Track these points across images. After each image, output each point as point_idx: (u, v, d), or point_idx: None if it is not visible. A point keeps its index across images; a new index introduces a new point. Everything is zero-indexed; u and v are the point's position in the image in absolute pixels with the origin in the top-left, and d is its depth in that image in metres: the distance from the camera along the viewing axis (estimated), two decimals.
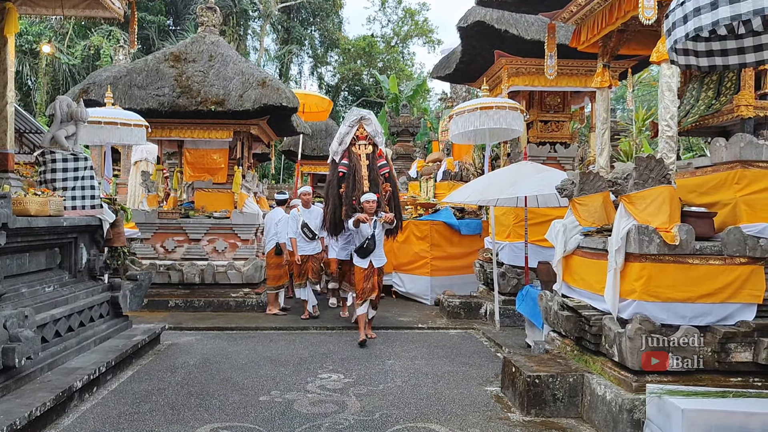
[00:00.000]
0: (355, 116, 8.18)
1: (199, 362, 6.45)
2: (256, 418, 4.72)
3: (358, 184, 7.77)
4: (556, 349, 5.59)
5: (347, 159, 8.00)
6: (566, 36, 7.69)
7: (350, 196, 7.76)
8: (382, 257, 7.60)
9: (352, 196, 7.74)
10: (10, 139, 6.05)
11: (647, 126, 15.79)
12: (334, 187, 8.10)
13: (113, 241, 6.87)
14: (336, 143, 8.19)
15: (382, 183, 7.97)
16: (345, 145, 8.09)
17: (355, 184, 7.78)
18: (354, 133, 8.10)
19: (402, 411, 4.90)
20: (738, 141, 4.61)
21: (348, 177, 7.88)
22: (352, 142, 8.08)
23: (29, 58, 24.28)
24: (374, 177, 7.92)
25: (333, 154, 8.23)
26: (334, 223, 8.07)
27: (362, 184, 7.77)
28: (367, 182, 7.81)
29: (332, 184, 8.16)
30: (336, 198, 8.03)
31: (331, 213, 8.07)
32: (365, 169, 7.90)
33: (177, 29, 28.44)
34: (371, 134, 8.13)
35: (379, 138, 8.19)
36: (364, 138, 8.11)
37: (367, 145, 8.09)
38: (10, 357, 4.28)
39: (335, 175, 8.12)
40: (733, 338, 4.23)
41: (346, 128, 8.12)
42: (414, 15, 36.63)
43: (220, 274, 9.82)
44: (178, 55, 10.27)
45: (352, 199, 7.72)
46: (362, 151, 8.05)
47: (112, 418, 4.68)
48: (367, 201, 7.45)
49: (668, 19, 3.20)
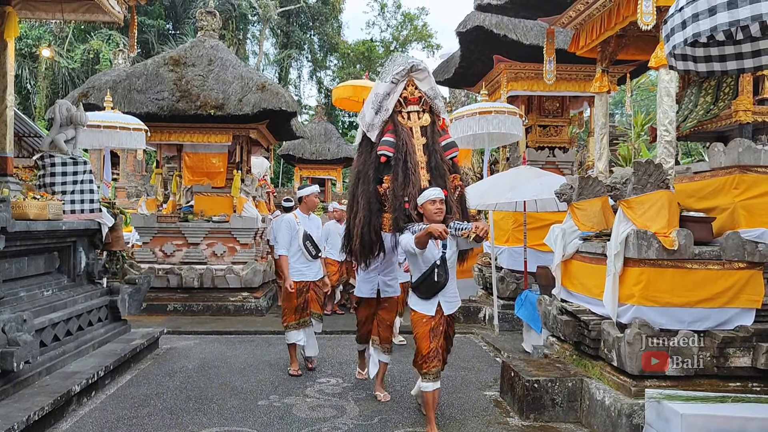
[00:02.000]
0: (402, 67, 5.08)
1: (198, 366, 6.44)
2: (254, 422, 4.71)
3: (411, 176, 4.71)
4: (555, 354, 5.59)
5: (393, 135, 4.94)
6: (565, 41, 7.71)
7: (400, 195, 4.68)
8: (455, 297, 4.63)
9: (403, 194, 4.67)
10: (10, 142, 6.04)
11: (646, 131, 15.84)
12: (367, 181, 5.05)
13: (112, 244, 6.86)
14: (369, 111, 5.13)
15: (450, 173, 4.95)
16: (386, 114, 5.06)
17: (407, 176, 4.72)
18: (400, 94, 5.11)
19: (401, 416, 4.89)
20: (736, 146, 4.62)
21: (395, 164, 4.82)
22: (398, 109, 5.09)
23: (29, 61, 24.31)
24: (437, 164, 4.86)
25: (366, 129, 5.18)
26: (369, 240, 4.99)
27: (418, 176, 4.72)
28: (427, 172, 4.81)
29: (364, 177, 5.10)
30: (372, 198, 4.98)
31: (363, 224, 4.97)
32: (422, 151, 4.90)
33: (176, 33, 28.51)
34: (428, 95, 5.12)
35: (438, 102, 5.19)
36: (416, 101, 5.08)
37: (422, 113, 5.08)
38: (9, 361, 4.26)
39: (371, 161, 5.08)
40: (732, 343, 4.23)
41: (386, 86, 5.08)
42: (413, 20, 36.71)
43: (219, 278, 9.81)
44: (177, 59, 10.28)
45: (404, 200, 4.65)
46: (415, 122, 5.04)
47: (111, 423, 4.67)
48: (432, 201, 4.41)
49: (667, 25, 3.21)
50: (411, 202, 4.57)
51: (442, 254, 4.38)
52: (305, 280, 6.18)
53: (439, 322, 4.45)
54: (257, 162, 13.33)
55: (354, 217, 5.14)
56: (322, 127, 20.93)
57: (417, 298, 4.49)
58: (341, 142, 21.14)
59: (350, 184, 5.47)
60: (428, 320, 4.42)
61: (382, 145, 4.90)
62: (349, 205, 5.37)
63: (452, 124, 8.30)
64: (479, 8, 7.12)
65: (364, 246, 4.99)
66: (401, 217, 4.59)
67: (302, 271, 6.17)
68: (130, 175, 18.95)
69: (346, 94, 9.98)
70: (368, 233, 4.94)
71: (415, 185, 4.63)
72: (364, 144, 5.24)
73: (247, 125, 10.28)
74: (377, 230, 4.98)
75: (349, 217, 5.33)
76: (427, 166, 4.81)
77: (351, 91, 10.00)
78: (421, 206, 4.47)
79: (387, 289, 5.49)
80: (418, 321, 4.46)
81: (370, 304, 5.52)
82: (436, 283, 4.35)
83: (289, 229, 6.16)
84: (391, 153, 4.84)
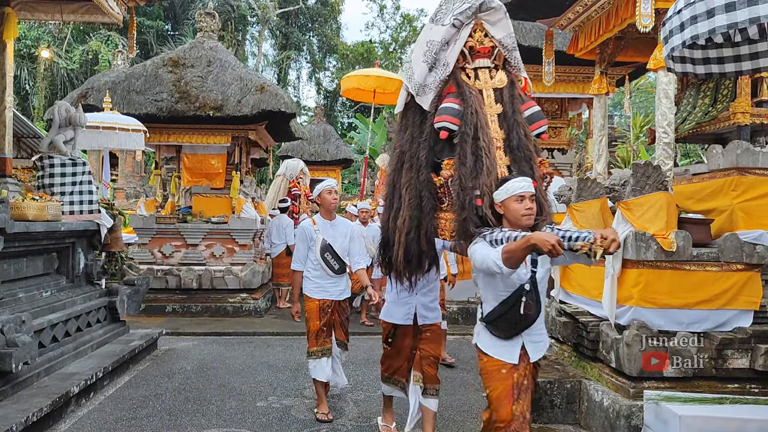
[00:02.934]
0: (468, 4, 3.51)
1: (197, 368, 6.44)
2: (253, 423, 4.71)
3: (485, 159, 3.21)
4: (553, 355, 5.59)
5: (457, 100, 3.39)
6: (564, 43, 7.71)
7: (469, 187, 3.18)
8: (543, 335, 3.25)
9: (474, 186, 3.17)
10: (9, 143, 6.04)
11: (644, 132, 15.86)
12: (417, 166, 3.51)
13: (111, 245, 6.86)
14: (419, 67, 3.56)
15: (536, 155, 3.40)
16: (446, 70, 3.53)
17: (480, 159, 3.21)
18: (465, 43, 3.55)
19: (401, 418, 4.89)
20: (735, 148, 4.63)
21: (462, 142, 3.28)
22: (460, 64, 3.55)
23: (27, 62, 24.28)
24: (520, 142, 3.34)
25: (415, 92, 3.57)
26: (417, 250, 3.49)
27: (494, 159, 3.24)
28: (505, 154, 3.34)
29: (411, 162, 3.55)
30: (424, 191, 3.45)
31: (410, 227, 3.46)
32: (497, 123, 3.40)
33: (176, 34, 28.50)
34: (504, 45, 3.58)
35: (517, 55, 3.62)
36: (486, 53, 3.55)
37: (495, 70, 3.56)
38: (7, 362, 4.26)
39: (423, 138, 3.53)
40: (730, 344, 4.23)
41: (444, 31, 3.52)
42: (412, 21, 36.71)
43: (218, 279, 9.80)
44: (176, 60, 10.28)
45: (475, 195, 3.15)
46: (486, 82, 3.51)
47: (109, 424, 4.67)
48: (519, 198, 3.03)
49: (665, 27, 3.23)
50: (485, 197, 3.07)
51: (532, 275, 2.93)
52: (329, 298, 4.98)
53: (524, 373, 3.07)
54: (291, 164, 13.28)
55: (394, 218, 3.55)
56: (321, 128, 20.95)
57: (491, 338, 3.11)
58: (340, 143, 21.15)
59: (389, 173, 3.72)
60: (509, 371, 3.05)
61: (441, 115, 3.31)
62: (387, 201, 3.71)
63: None
64: None
65: (410, 258, 3.48)
66: (472, 218, 3.08)
67: (324, 287, 4.99)
68: (129, 176, 18.93)
69: (354, 84, 9.68)
70: (416, 240, 3.43)
71: (490, 173, 3.12)
72: (411, 114, 3.64)
73: (246, 126, 10.29)
74: (430, 237, 3.44)
75: (386, 218, 3.69)
76: (505, 146, 3.30)
77: (358, 80, 9.68)
78: (501, 203, 3.05)
79: (427, 315, 4.22)
80: (494, 372, 3.08)
81: (405, 334, 4.24)
82: (522, 317, 2.96)
83: (304, 239, 5.01)
84: (455, 125, 3.27)
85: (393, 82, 9.67)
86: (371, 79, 9.48)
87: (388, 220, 3.68)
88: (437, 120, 3.36)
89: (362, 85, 9.56)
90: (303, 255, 5.02)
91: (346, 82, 9.84)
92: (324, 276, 4.98)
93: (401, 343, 4.27)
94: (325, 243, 4.95)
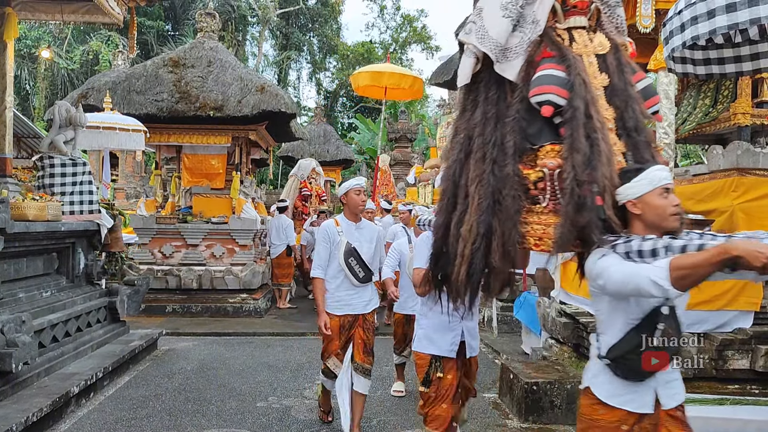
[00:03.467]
0: None
1: (197, 368, 6.43)
2: (253, 424, 4.71)
3: (601, 144, 2.29)
4: (553, 356, 5.59)
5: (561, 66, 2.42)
6: None
7: (585, 181, 2.24)
8: (678, 380, 2.38)
9: (590, 179, 2.24)
10: (9, 143, 6.05)
11: None
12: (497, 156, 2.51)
13: (111, 246, 6.86)
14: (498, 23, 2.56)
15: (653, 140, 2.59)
16: (536, 29, 2.57)
17: (594, 142, 2.29)
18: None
19: (399, 418, 4.89)
20: (735, 149, 4.63)
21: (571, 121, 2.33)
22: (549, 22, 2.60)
23: (28, 62, 24.31)
24: (637, 123, 2.48)
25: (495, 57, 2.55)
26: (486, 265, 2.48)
27: (610, 144, 2.34)
28: (620, 136, 2.48)
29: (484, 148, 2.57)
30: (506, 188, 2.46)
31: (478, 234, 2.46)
32: (604, 99, 2.49)
33: (176, 35, 28.51)
34: None
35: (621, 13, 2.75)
36: (584, 8, 2.60)
37: (593, 32, 2.63)
38: (7, 362, 4.26)
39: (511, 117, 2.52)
40: (731, 345, 4.23)
41: None
42: (412, 21, 36.75)
43: (218, 280, 9.80)
44: (177, 60, 10.28)
45: (593, 191, 2.23)
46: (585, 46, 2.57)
47: (109, 424, 4.67)
48: (664, 191, 2.24)
49: (666, 28, 3.23)
50: (606, 193, 2.25)
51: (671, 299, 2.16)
52: (351, 313, 4.31)
53: (650, 429, 2.26)
54: (304, 164, 13.28)
55: (457, 224, 2.58)
56: (321, 128, 20.97)
57: (613, 381, 2.29)
58: (340, 143, 21.16)
59: (446, 165, 2.80)
60: (630, 428, 2.25)
61: (543, 85, 2.40)
62: (444, 202, 2.71)
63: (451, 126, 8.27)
64: None
65: (475, 276, 2.48)
66: (595, 224, 2.23)
67: (346, 300, 4.31)
68: (129, 177, 18.93)
69: (367, 81, 9.61)
70: (485, 253, 2.45)
71: (610, 161, 2.31)
72: (482, 87, 2.67)
73: (246, 127, 10.28)
74: (508, 249, 2.43)
75: (443, 223, 2.67)
76: (617, 127, 2.49)
77: (370, 77, 9.62)
78: (638, 200, 2.25)
79: (473, 344, 3.54)
80: (611, 429, 2.26)
81: (450, 369, 3.40)
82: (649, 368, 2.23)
83: (326, 241, 4.33)
84: (564, 99, 2.37)
85: (406, 78, 9.62)
86: (384, 75, 9.39)
87: (446, 227, 2.66)
88: (537, 92, 2.42)
89: (375, 82, 9.49)
90: (325, 259, 4.31)
91: (356, 79, 9.80)
92: (346, 286, 4.29)
93: (445, 382, 3.37)
94: (349, 247, 4.26)
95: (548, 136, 2.45)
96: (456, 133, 2.82)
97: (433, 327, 3.46)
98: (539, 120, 2.46)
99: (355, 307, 4.32)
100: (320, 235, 4.44)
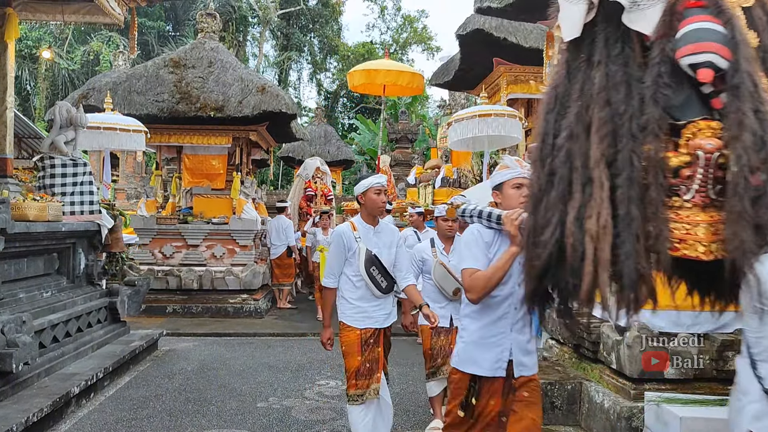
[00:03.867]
0: None
1: (197, 368, 6.44)
2: (253, 424, 4.71)
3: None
4: (554, 357, 5.59)
5: (716, 18, 1.91)
6: None
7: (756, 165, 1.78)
8: None
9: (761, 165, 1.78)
10: (9, 143, 6.06)
11: None
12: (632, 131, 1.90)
13: (111, 246, 6.86)
14: None
15: None
16: None
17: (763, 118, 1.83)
18: None
19: (400, 418, 4.89)
20: None
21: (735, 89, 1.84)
22: None
23: (29, 63, 24.34)
24: None
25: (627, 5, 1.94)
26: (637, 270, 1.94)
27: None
28: None
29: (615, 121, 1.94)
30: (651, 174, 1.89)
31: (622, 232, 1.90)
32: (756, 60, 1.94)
33: (176, 35, 28.55)
34: None
35: None
36: None
37: None
38: (8, 362, 4.26)
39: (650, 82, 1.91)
40: (731, 346, 4.22)
41: None
42: (413, 22, 36.76)
43: (218, 280, 9.81)
44: (177, 61, 10.29)
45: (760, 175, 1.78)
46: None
47: (110, 425, 4.67)
48: None
49: None
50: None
51: None
52: (373, 326, 3.80)
53: None
54: (309, 163, 13.27)
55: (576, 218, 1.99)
56: (321, 129, 21.00)
57: None
58: (341, 144, 21.18)
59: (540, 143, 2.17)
60: None
61: (699, 42, 1.88)
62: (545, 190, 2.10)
63: (452, 127, 8.31)
64: (479, 11, 7.12)
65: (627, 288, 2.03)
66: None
67: (368, 312, 3.82)
68: (130, 177, 18.95)
69: (363, 80, 9.44)
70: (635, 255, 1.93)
71: None
72: (599, 43, 2.08)
73: (246, 127, 10.29)
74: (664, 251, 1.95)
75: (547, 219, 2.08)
76: None
77: (366, 76, 9.40)
78: None
79: (526, 361, 2.86)
80: None
81: (493, 393, 2.83)
82: None
83: (342, 248, 3.82)
84: (727, 60, 1.86)
85: (403, 75, 9.32)
86: (380, 73, 9.23)
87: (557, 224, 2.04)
88: (693, 50, 1.88)
89: (371, 80, 9.37)
90: (339, 268, 3.85)
91: (352, 78, 9.63)
92: (368, 297, 3.82)
93: (485, 407, 2.81)
94: (370, 254, 3.77)
95: (697, 110, 1.93)
96: (558, 101, 2.12)
97: (471, 341, 2.87)
98: (687, 88, 1.94)
99: (376, 319, 3.82)
100: (335, 240, 3.89)
